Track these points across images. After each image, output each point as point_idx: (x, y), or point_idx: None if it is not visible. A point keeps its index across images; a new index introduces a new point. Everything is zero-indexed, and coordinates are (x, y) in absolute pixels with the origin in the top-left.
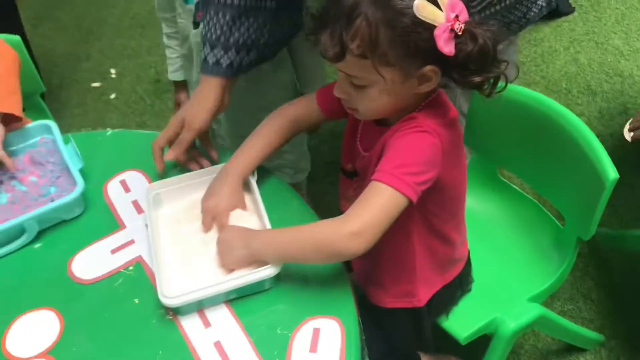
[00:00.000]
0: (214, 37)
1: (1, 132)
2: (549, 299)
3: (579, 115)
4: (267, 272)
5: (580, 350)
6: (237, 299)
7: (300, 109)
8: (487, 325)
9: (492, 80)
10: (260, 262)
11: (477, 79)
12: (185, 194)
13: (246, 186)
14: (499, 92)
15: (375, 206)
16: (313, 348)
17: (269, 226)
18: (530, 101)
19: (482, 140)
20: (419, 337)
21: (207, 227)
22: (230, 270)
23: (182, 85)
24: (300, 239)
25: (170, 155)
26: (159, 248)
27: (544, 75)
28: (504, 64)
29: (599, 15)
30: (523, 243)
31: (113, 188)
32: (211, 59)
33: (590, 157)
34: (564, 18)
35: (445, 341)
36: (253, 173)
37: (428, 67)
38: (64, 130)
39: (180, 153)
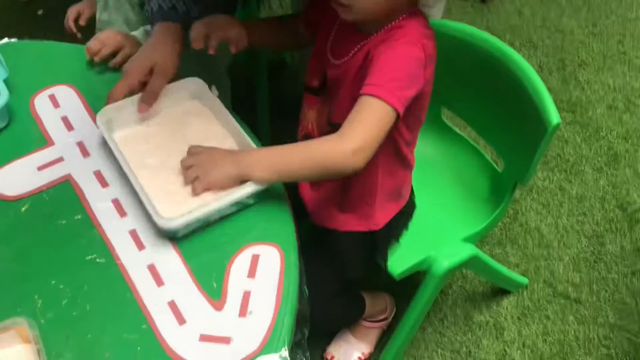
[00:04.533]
0: None
1: None
2: (478, 244)
3: None
4: (257, 185)
5: (505, 292)
6: None
7: (289, 18)
8: (421, 262)
9: None
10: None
11: None
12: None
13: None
14: None
15: (371, 122)
16: (251, 274)
17: (253, 146)
18: (477, 41)
19: None
20: (370, 263)
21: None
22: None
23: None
24: (299, 157)
25: (144, 109)
26: (134, 172)
27: (488, 26)
28: None
29: None
30: (460, 185)
31: (41, 102)
32: (166, 5)
33: (534, 101)
34: None
35: (379, 278)
36: (211, 87)
37: None
38: None
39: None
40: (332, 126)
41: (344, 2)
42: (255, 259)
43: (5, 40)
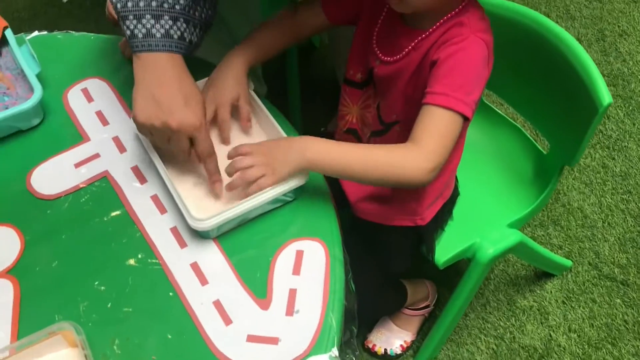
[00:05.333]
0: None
1: None
2: None
3: None
4: (298, 180)
5: (548, 275)
6: None
7: (304, 13)
8: (465, 250)
9: None
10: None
11: None
12: None
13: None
14: None
15: (447, 137)
16: (296, 270)
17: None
18: (521, 18)
19: None
20: (416, 254)
21: (209, 117)
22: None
23: None
24: (373, 160)
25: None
26: (166, 171)
27: None
28: None
29: None
30: (504, 169)
31: (74, 97)
32: (175, 33)
33: (583, 80)
34: None
35: (420, 266)
36: (250, 83)
37: None
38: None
39: None
40: (384, 125)
41: None
42: (299, 255)
43: (36, 33)
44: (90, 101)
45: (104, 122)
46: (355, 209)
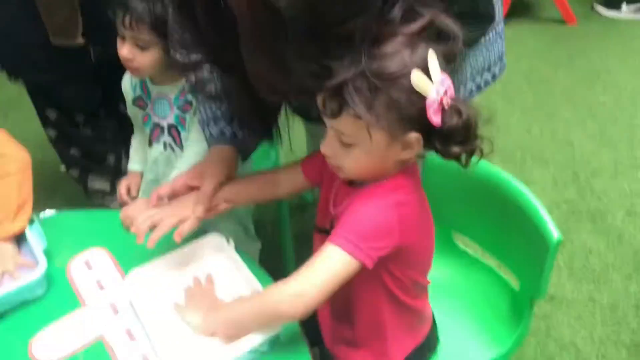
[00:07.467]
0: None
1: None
2: None
3: (533, 183)
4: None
5: None
6: None
7: (284, 170)
8: None
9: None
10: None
11: (457, 150)
12: (164, 276)
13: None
14: (475, 163)
15: (324, 269)
16: None
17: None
18: (478, 169)
19: (437, 207)
20: None
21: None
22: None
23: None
24: (255, 307)
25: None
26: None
27: (499, 146)
28: (480, 139)
29: (549, 88)
30: (481, 308)
31: (76, 267)
32: (215, 132)
33: (534, 222)
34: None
35: None
36: (229, 240)
37: (413, 134)
38: None
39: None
40: None
41: (333, 164)
42: None
43: (47, 213)
44: (90, 269)
45: (101, 287)
46: (332, 354)
